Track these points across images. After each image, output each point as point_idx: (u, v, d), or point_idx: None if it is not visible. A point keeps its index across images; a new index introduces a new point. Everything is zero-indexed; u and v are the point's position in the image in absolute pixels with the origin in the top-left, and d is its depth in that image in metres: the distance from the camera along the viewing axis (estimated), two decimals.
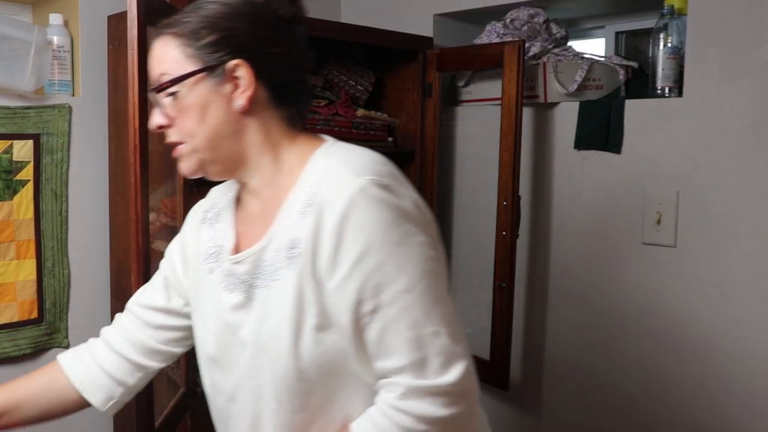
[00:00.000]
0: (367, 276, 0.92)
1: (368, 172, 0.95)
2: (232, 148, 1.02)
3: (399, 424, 0.93)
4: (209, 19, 0.99)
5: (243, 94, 0.99)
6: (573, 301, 2.09)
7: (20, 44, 1.74)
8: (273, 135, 1.04)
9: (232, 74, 0.99)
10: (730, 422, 1.78)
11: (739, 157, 1.74)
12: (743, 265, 1.74)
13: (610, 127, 1.95)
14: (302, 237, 0.96)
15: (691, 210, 1.83)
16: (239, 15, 1.00)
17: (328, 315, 0.96)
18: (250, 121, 1.02)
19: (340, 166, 0.97)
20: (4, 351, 1.82)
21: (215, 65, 0.98)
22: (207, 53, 0.99)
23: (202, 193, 1.90)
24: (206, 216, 1.17)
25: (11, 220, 1.81)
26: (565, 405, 2.11)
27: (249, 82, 0.99)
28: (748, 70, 1.71)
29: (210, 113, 1.00)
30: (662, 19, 1.89)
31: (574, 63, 2.03)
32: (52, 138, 1.86)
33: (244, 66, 0.99)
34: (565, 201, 2.08)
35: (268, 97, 1.02)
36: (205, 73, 0.99)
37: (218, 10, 1.00)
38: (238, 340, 1.04)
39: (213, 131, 1.00)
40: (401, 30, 2.19)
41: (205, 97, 1.00)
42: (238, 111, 1.00)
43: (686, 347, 1.85)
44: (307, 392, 0.99)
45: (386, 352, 0.93)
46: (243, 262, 1.04)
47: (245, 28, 1.00)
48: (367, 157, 1.00)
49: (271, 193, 1.04)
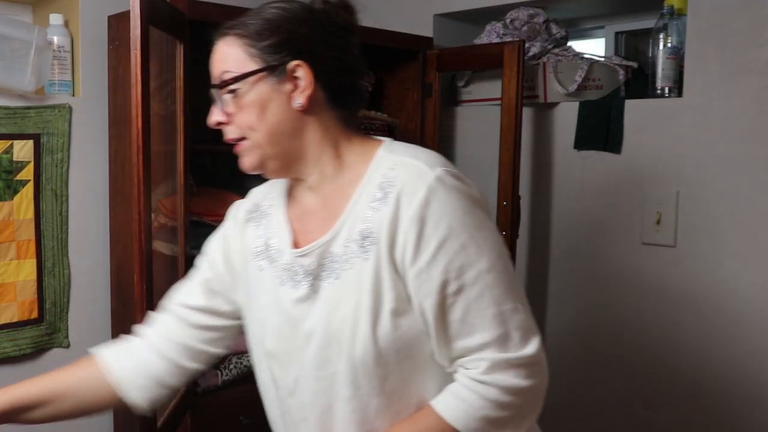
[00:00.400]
0: (451, 258, 0.97)
1: (440, 164, 1.02)
2: (292, 144, 1.07)
3: (486, 397, 0.98)
4: (271, 22, 1.06)
5: (302, 94, 1.04)
6: (573, 301, 2.09)
7: (20, 44, 1.74)
8: (331, 133, 1.09)
9: (292, 74, 1.04)
10: (731, 422, 1.78)
11: (739, 157, 1.74)
12: (743, 265, 1.75)
13: (610, 127, 1.96)
14: (377, 226, 1.01)
15: (691, 210, 1.83)
16: (299, 19, 1.06)
17: (405, 299, 1.01)
18: (309, 120, 1.07)
19: (413, 159, 1.03)
20: (5, 351, 1.82)
21: (276, 65, 1.04)
22: (269, 54, 1.04)
23: (202, 194, 1.90)
24: (251, 215, 1.21)
25: (11, 220, 1.81)
26: (565, 405, 2.11)
27: (308, 82, 1.04)
28: (748, 70, 1.71)
29: (270, 111, 1.05)
30: (662, 19, 1.90)
31: (574, 63, 2.03)
32: (52, 138, 1.86)
33: (303, 67, 1.04)
34: (565, 201, 2.08)
35: (326, 97, 1.07)
36: (266, 72, 1.04)
37: (280, 14, 1.06)
38: (301, 333, 1.07)
39: (273, 128, 1.05)
40: (401, 30, 2.19)
41: (266, 95, 1.05)
42: (297, 109, 1.05)
43: (686, 347, 1.85)
44: (385, 376, 1.03)
45: (470, 330, 0.99)
46: (308, 255, 1.08)
47: (305, 32, 1.06)
48: (431, 152, 1.07)
49: (332, 188, 1.09)
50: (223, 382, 1.85)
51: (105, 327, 1.99)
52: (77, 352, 1.96)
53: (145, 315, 1.45)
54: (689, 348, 1.85)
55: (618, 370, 1.99)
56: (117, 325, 1.95)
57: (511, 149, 1.94)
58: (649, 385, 1.93)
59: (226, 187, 2.01)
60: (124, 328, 1.90)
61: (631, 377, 1.96)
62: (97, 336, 1.99)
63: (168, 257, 1.69)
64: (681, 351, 1.86)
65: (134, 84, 1.39)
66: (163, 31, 1.57)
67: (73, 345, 1.95)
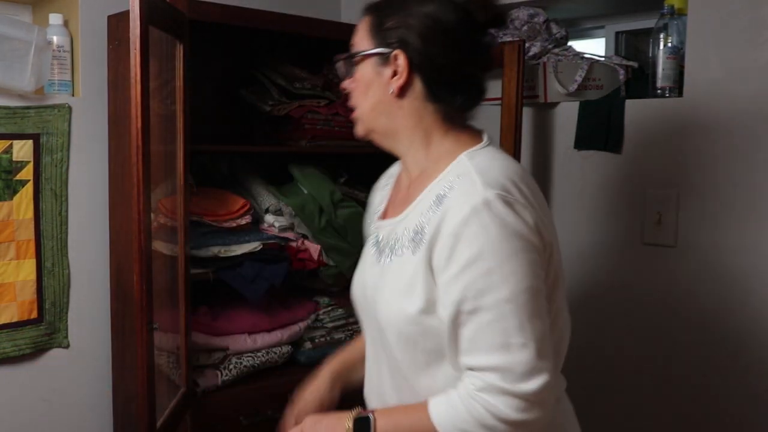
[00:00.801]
0: (474, 279, 1.00)
1: (498, 187, 1.02)
2: (387, 125, 1.16)
3: (472, 413, 1.02)
4: (393, 11, 1.12)
5: (396, 82, 1.12)
6: (573, 301, 2.08)
7: (20, 44, 1.73)
8: (424, 123, 1.14)
9: (395, 62, 1.11)
10: (730, 422, 1.78)
11: (739, 157, 1.74)
12: (743, 265, 1.75)
13: (610, 127, 1.95)
14: (427, 228, 1.07)
15: (691, 210, 1.83)
16: (417, 14, 1.10)
17: (434, 302, 1.06)
18: (403, 106, 1.14)
19: (477, 174, 1.05)
20: (4, 351, 1.82)
21: (381, 51, 1.12)
22: (380, 39, 1.12)
23: (202, 194, 1.90)
24: (380, 182, 1.37)
25: (11, 220, 1.81)
26: None
27: (403, 72, 1.11)
28: (748, 70, 1.71)
29: (371, 90, 1.14)
30: (662, 19, 1.90)
31: (574, 63, 2.03)
32: (51, 138, 1.86)
33: (402, 57, 1.10)
34: (565, 201, 2.08)
35: (424, 90, 1.12)
36: (373, 54, 1.13)
37: (403, 4, 1.12)
38: (367, 294, 1.20)
39: (371, 106, 1.15)
40: None
41: (370, 75, 1.14)
42: (391, 95, 1.12)
43: (686, 347, 1.85)
44: (401, 360, 1.12)
45: (475, 350, 1.02)
46: (382, 228, 1.20)
47: (416, 26, 1.10)
48: (506, 168, 1.07)
49: (417, 174, 1.17)
50: (223, 382, 1.85)
51: (105, 327, 1.98)
52: (77, 353, 1.96)
53: (145, 315, 1.45)
54: (689, 348, 1.85)
55: (618, 370, 1.99)
56: (117, 325, 1.95)
57: (511, 149, 1.93)
58: (649, 385, 1.93)
59: (226, 187, 2.01)
60: (124, 328, 1.90)
61: (631, 377, 1.96)
62: (96, 336, 1.99)
63: (168, 257, 1.69)
64: (681, 351, 1.86)
65: (134, 84, 1.39)
66: (163, 31, 1.56)
67: (72, 345, 1.95)
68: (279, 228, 1.95)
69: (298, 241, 1.99)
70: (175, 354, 1.74)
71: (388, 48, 1.11)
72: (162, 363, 1.67)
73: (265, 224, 1.96)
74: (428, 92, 1.12)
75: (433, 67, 1.11)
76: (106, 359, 1.99)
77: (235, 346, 1.89)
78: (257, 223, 1.96)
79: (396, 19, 1.11)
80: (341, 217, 2.00)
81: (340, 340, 2.10)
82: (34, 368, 1.90)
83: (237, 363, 1.88)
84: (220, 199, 1.91)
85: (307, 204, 1.97)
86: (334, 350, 2.06)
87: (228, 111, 2.19)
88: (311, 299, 2.12)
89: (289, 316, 2.01)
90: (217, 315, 1.91)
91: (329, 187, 2.01)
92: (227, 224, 1.86)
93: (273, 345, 1.96)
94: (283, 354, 1.99)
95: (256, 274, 1.87)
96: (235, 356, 1.89)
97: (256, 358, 1.92)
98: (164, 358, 1.69)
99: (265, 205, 1.97)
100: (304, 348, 2.06)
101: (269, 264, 1.90)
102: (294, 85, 2.04)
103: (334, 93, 2.13)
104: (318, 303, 2.11)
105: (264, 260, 1.89)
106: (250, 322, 1.93)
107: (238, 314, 1.93)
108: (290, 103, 2.04)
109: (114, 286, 1.95)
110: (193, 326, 1.79)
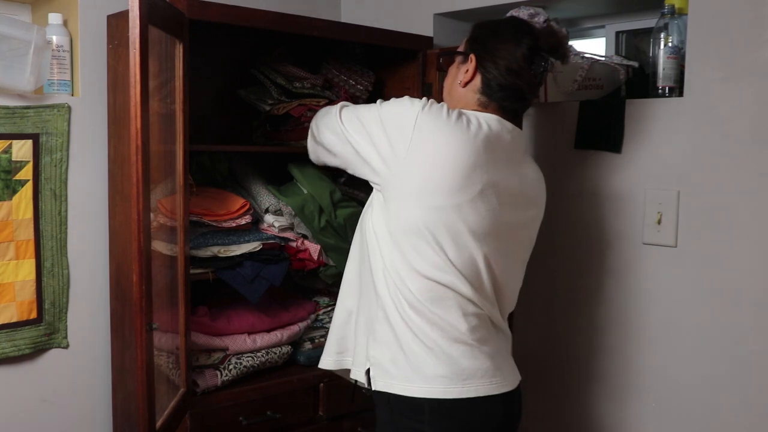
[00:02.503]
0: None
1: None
2: (449, 102, 1.59)
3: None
4: (482, 27, 1.60)
5: (463, 77, 1.57)
6: (573, 300, 2.09)
7: (20, 44, 1.73)
8: (467, 105, 1.57)
9: (469, 63, 1.56)
10: (730, 421, 1.78)
11: (739, 157, 1.74)
12: (743, 265, 1.74)
13: (610, 127, 1.95)
14: None
15: (691, 210, 1.83)
16: (496, 33, 1.56)
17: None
18: (462, 93, 1.58)
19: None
20: (3, 351, 1.82)
21: (466, 53, 1.58)
22: (468, 45, 1.59)
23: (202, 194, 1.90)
24: None
25: (10, 220, 1.81)
26: (564, 405, 2.11)
27: (471, 72, 1.56)
28: (749, 70, 1.71)
29: (450, 77, 1.64)
30: (663, 18, 1.90)
31: (575, 63, 2.03)
32: (51, 138, 1.86)
33: (473, 61, 1.55)
34: (565, 201, 2.07)
35: (480, 86, 1.55)
36: (461, 54, 1.60)
37: (490, 25, 1.60)
38: None
39: (448, 90, 1.64)
40: (401, 30, 2.19)
41: (454, 69, 1.63)
42: (459, 84, 1.58)
43: (686, 347, 1.85)
44: None
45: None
46: None
47: (491, 42, 1.55)
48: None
49: None
50: (222, 383, 1.85)
51: (104, 327, 1.98)
52: (76, 353, 1.96)
53: (144, 315, 1.45)
54: (689, 348, 1.85)
55: (618, 370, 1.99)
56: (116, 325, 1.94)
57: None
58: (649, 385, 1.93)
59: (226, 187, 2.00)
60: (124, 328, 1.90)
61: (630, 377, 1.96)
62: (96, 336, 1.98)
63: (167, 257, 1.69)
64: (681, 351, 1.86)
65: (133, 84, 1.39)
66: (163, 31, 1.56)
67: (72, 345, 1.95)
68: (279, 228, 1.94)
69: (298, 241, 1.99)
70: (174, 354, 1.74)
71: (469, 52, 1.56)
72: (161, 363, 1.66)
73: (264, 224, 1.96)
74: (482, 89, 1.54)
75: (491, 75, 1.52)
76: (106, 359, 1.99)
77: (234, 346, 1.89)
78: (257, 223, 1.96)
79: (482, 34, 1.57)
80: (341, 217, 2.00)
81: None
82: (34, 368, 1.90)
83: (237, 363, 1.88)
84: (220, 199, 1.91)
85: (307, 204, 1.97)
86: None
87: (228, 111, 2.19)
88: (311, 299, 2.12)
89: (288, 316, 2.01)
90: (217, 315, 1.91)
91: (329, 187, 2.00)
92: (227, 224, 1.86)
93: (273, 345, 1.96)
94: (283, 354, 1.99)
95: (256, 274, 1.87)
96: (234, 356, 1.89)
97: (256, 359, 1.92)
98: (164, 358, 1.69)
99: (265, 205, 1.97)
100: (303, 348, 2.06)
101: (269, 264, 1.90)
102: (294, 85, 2.04)
103: (334, 93, 2.13)
104: (318, 303, 2.11)
105: (264, 260, 1.89)
106: (250, 322, 1.93)
107: (237, 314, 1.93)
108: (290, 102, 2.03)
109: (113, 286, 1.95)
110: (192, 326, 1.79)
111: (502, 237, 1.51)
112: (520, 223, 1.57)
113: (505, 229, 1.51)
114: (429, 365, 1.44)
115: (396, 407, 1.47)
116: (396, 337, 1.47)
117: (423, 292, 1.45)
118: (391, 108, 1.53)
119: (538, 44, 1.53)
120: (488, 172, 1.46)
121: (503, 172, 1.50)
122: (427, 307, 1.44)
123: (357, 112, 1.61)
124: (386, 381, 1.48)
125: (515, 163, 1.55)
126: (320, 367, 1.67)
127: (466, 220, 1.44)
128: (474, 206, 1.44)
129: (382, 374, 1.48)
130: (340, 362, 1.65)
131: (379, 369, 1.49)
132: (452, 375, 1.43)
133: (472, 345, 1.45)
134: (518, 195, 1.54)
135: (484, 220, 1.46)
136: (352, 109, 1.63)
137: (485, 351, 1.47)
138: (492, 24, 1.59)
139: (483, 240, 1.47)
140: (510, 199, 1.51)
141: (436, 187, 1.42)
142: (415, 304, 1.45)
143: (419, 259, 1.44)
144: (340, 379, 1.74)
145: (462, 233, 1.45)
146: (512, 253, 1.56)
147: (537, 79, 1.55)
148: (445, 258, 1.44)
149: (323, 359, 1.67)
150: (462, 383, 1.44)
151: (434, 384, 1.43)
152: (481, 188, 1.45)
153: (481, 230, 1.46)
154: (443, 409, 1.44)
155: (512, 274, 1.59)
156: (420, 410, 1.44)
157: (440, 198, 1.42)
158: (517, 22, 1.60)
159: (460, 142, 1.43)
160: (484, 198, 1.46)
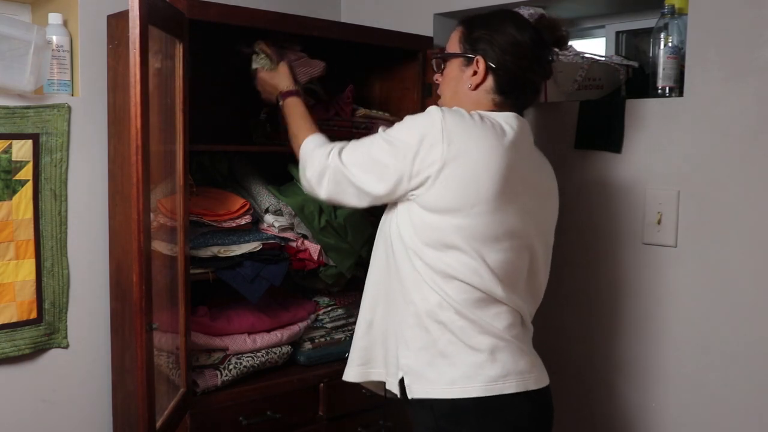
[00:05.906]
0: None
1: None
2: (468, 108, 1.50)
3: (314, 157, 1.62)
4: (482, 25, 1.53)
5: (475, 80, 1.52)
6: (573, 300, 2.08)
7: (20, 44, 1.73)
8: (482, 107, 1.53)
9: (476, 65, 1.52)
10: (731, 419, 1.78)
11: (739, 157, 1.74)
12: (743, 265, 1.74)
13: (610, 127, 1.95)
14: None
15: (691, 210, 1.83)
16: (498, 31, 1.50)
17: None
18: (472, 96, 1.54)
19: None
20: (3, 351, 1.82)
21: (467, 55, 1.53)
22: (468, 45, 1.53)
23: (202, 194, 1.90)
24: None
25: (10, 220, 1.81)
26: (563, 405, 2.11)
27: (482, 75, 1.52)
28: (749, 70, 1.71)
29: (454, 83, 1.56)
30: (663, 18, 1.90)
31: (574, 63, 2.03)
32: (51, 138, 1.86)
33: (482, 62, 1.51)
34: (565, 201, 2.07)
35: (493, 87, 1.52)
36: (460, 57, 1.54)
37: (490, 23, 1.53)
38: None
39: (452, 95, 1.57)
40: (401, 30, 2.19)
41: (455, 72, 1.56)
42: (468, 88, 1.53)
43: (686, 347, 1.85)
44: None
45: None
46: None
47: (497, 41, 1.50)
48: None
49: None
50: (222, 383, 1.85)
51: (104, 327, 1.98)
52: (76, 353, 1.96)
53: (144, 315, 1.45)
54: (689, 348, 1.85)
55: (617, 370, 1.99)
56: (116, 325, 1.94)
57: None
58: (649, 385, 1.92)
59: (226, 187, 2.00)
60: (124, 328, 1.90)
61: (630, 377, 1.96)
62: (96, 336, 1.98)
63: (167, 257, 1.69)
64: (681, 351, 1.86)
65: (133, 84, 1.39)
66: (163, 31, 1.56)
67: (72, 345, 1.95)
68: (279, 228, 1.94)
69: (298, 241, 1.99)
70: (174, 354, 1.74)
71: (472, 53, 1.51)
72: (161, 363, 1.66)
73: (264, 224, 1.96)
74: (496, 88, 1.51)
75: (504, 72, 1.50)
76: (106, 359, 1.99)
77: (234, 346, 1.89)
78: (257, 223, 1.96)
79: (482, 32, 1.51)
80: (341, 217, 2.00)
81: (339, 340, 2.10)
82: (34, 368, 1.90)
83: (237, 363, 1.88)
84: (220, 199, 1.91)
85: (307, 204, 1.97)
86: (334, 350, 2.08)
87: (228, 111, 2.19)
88: (311, 299, 2.12)
89: (288, 317, 2.01)
90: (217, 315, 1.91)
91: None
92: (227, 224, 1.86)
93: (273, 345, 1.96)
94: (283, 354, 1.99)
95: (256, 274, 1.87)
96: (234, 356, 1.89)
97: (256, 359, 1.92)
98: (164, 358, 1.69)
99: (265, 205, 1.97)
100: (303, 348, 2.06)
101: (269, 264, 1.90)
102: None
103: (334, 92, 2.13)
104: (318, 303, 2.11)
105: (264, 260, 1.89)
106: (250, 323, 1.93)
107: (237, 314, 1.93)
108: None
109: (113, 286, 1.95)
110: (192, 326, 1.79)
111: (533, 233, 1.52)
112: (547, 215, 1.59)
113: (535, 224, 1.52)
114: (469, 365, 1.43)
115: (439, 412, 1.45)
116: (433, 340, 1.45)
117: (460, 294, 1.44)
118: (407, 128, 1.47)
119: (538, 32, 1.53)
120: (519, 172, 1.46)
121: (529, 168, 1.51)
122: (466, 308, 1.44)
123: (364, 150, 1.53)
124: (424, 387, 1.46)
125: (534, 157, 1.56)
126: (344, 379, 1.63)
127: (503, 222, 1.44)
128: (510, 208, 1.45)
129: (419, 380, 1.46)
130: (365, 374, 1.61)
131: (414, 376, 1.47)
132: (494, 373, 1.43)
133: (509, 341, 1.46)
134: (542, 188, 1.56)
135: (519, 219, 1.46)
136: (357, 154, 1.54)
137: (522, 348, 1.48)
138: (489, 20, 1.54)
139: (517, 239, 1.47)
140: (537, 193, 1.53)
141: (475, 196, 1.41)
142: (454, 306, 1.44)
143: (457, 265, 1.43)
144: (340, 379, 1.74)
145: (498, 236, 1.44)
146: (541, 245, 1.56)
147: (548, 66, 1.57)
148: (481, 262, 1.43)
149: (347, 371, 1.63)
150: (503, 380, 1.43)
151: (476, 383, 1.42)
152: (515, 189, 1.45)
153: (516, 230, 1.46)
154: (488, 408, 1.43)
155: (543, 269, 1.60)
156: (466, 410, 1.43)
157: (478, 206, 1.41)
158: (510, 14, 1.56)
159: (493, 148, 1.42)
160: (519, 198, 1.46)
